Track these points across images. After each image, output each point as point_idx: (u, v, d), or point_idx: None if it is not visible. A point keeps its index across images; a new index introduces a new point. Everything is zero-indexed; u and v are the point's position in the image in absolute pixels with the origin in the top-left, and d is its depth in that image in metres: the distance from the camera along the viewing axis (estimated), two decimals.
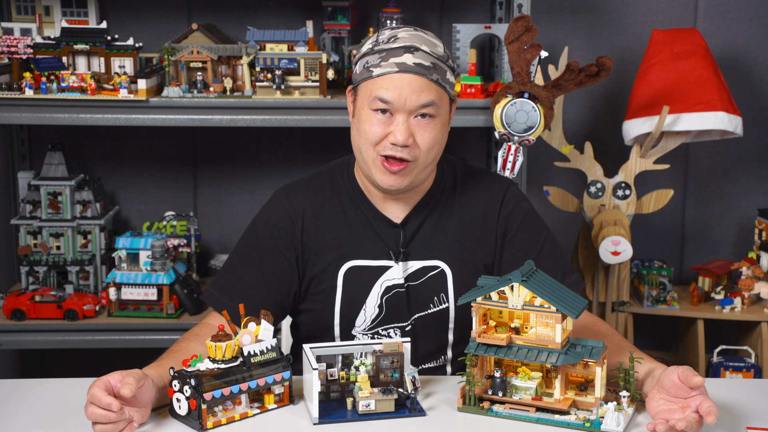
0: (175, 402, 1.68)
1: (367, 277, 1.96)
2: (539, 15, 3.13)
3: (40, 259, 3.03)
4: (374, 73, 1.86)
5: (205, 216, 3.34)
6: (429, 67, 1.85)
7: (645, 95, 2.99)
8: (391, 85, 1.84)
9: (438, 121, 1.88)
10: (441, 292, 1.97)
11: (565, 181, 3.29)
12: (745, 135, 3.13)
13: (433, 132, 1.87)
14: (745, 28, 3.27)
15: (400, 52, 1.85)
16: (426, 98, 1.85)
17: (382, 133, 1.86)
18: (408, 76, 1.84)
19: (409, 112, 1.85)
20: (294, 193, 2.01)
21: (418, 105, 1.85)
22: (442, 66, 1.88)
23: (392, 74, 1.84)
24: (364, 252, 1.96)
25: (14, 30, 2.91)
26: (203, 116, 2.77)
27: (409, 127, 1.86)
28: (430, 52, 1.86)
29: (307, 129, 3.22)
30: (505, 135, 2.68)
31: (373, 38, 1.92)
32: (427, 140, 1.87)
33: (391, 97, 1.84)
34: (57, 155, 3.07)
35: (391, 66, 1.84)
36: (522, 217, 2.00)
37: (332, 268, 1.96)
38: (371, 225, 1.97)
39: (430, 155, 1.90)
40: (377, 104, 1.85)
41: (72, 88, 2.75)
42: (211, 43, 2.88)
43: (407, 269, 1.96)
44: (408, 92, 1.84)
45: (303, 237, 1.97)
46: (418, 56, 1.85)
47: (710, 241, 3.41)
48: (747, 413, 1.76)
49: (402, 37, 1.87)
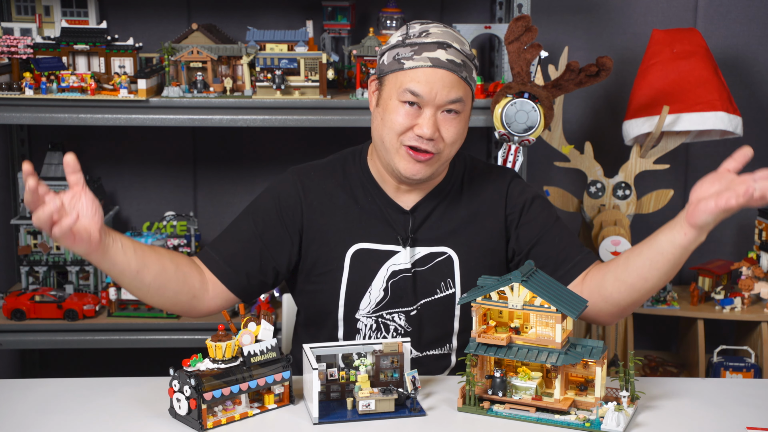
0: (175, 402, 1.68)
1: (373, 260, 1.98)
2: (539, 15, 3.13)
3: (40, 259, 3.03)
4: (406, 65, 1.89)
5: (205, 216, 3.34)
6: (460, 64, 1.89)
7: (645, 95, 2.99)
8: (423, 78, 1.87)
9: (463, 116, 1.93)
10: (448, 278, 1.99)
11: (565, 181, 3.29)
12: (745, 135, 3.13)
13: (458, 127, 1.92)
14: (745, 28, 3.27)
15: (433, 47, 1.88)
16: (455, 94, 1.89)
17: (409, 124, 1.90)
18: (440, 72, 1.88)
19: (438, 106, 1.89)
20: (306, 173, 2.05)
21: (447, 100, 1.88)
22: (470, 64, 1.93)
23: (425, 68, 1.88)
24: (372, 236, 1.99)
25: (14, 30, 2.91)
26: (203, 116, 2.77)
27: (436, 121, 1.89)
28: (460, 49, 1.91)
29: (307, 129, 3.22)
30: (505, 135, 2.68)
31: (402, 31, 1.95)
32: (452, 134, 1.91)
33: (423, 90, 1.87)
34: (57, 155, 3.07)
35: (425, 60, 1.88)
36: (532, 197, 2.04)
37: (339, 250, 1.98)
38: (381, 210, 2.00)
39: (453, 149, 1.94)
40: (407, 96, 1.88)
41: (72, 88, 2.75)
42: (211, 43, 2.88)
43: (414, 255, 1.99)
44: (439, 87, 1.87)
45: (308, 214, 2.00)
46: (451, 53, 1.89)
47: (710, 241, 3.37)
48: (747, 413, 1.76)
49: (434, 33, 1.91)
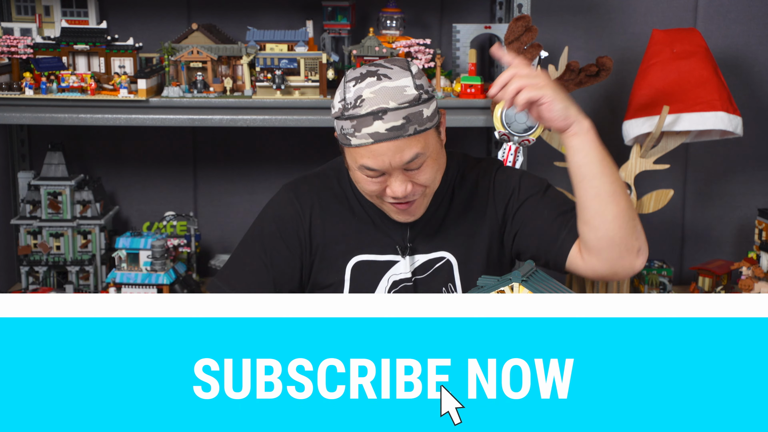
0: None
1: (374, 272, 1.97)
2: (539, 15, 3.13)
3: (40, 259, 3.03)
4: (352, 142, 1.82)
5: (205, 216, 3.34)
6: (401, 125, 1.79)
7: (645, 95, 2.99)
8: (371, 155, 1.81)
9: (431, 159, 1.86)
10: (449, 282, 1.98)
11: (565, 181, 3.27)
12: (745, 135, 3.12)
13: (429, 171, 1.86)
14: (745, 28, 3.27)
15: (369, 121, 1.79)
16: (409, 154, 1.81)
17: (380, 188, 1.86)
18: (385, 144, 1.80)
19: (399, 169, 1.83)
20: (301, 188, 2.02)
21: (403, 163, 1.82)
22: (415, 112, 1.80)
23: (369, 146, 1.81)
24: (371, 247, 1.97)
25: (14, 30, 2.91)
26: (203, 116, 2.77)
27: (405, 180, 1.85)
28: (398, 106, 1.78)
29: (307, 129, 3.22)
30: (505, 135, 2.68)
31: (341, 93, 1.84)
32: (427, 178, 1.87)
33: (376, 164, 1.82)
34: (57, 155, 3.07)
35: (365, 137, 1.80)
36: (518, 180, 2.01)
37: (340, 263, 1.97)
38: (377, 220, 1.98)
39: (436, 183, 1.91)
40: (366, 171, 1.84)
41: (72, 88, 2.75)
42: (211, 43, 2.88)
43: (414, 263, 1.98)
44: (390, 157, 1.80)
45: (310, 231, 1.98)
46: (388, 119, 1.79)
47: (710, 241, 3.41)
48: None
49: (367, 99, 1.79)
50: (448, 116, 2.77)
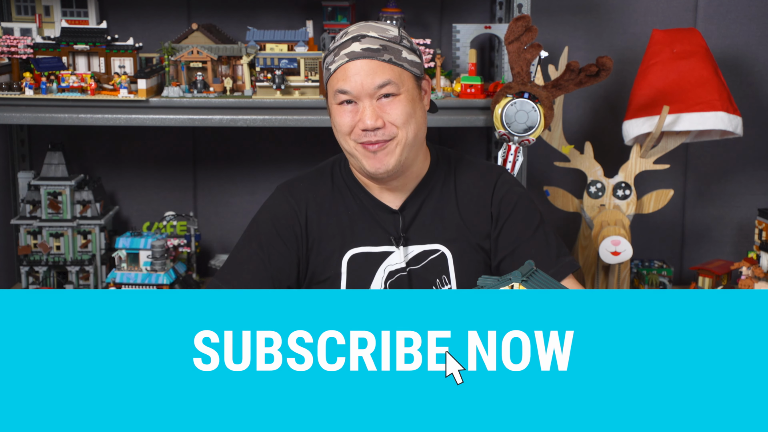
0: None
1: (370, 263, 1.99)
2: (539, 15, 3.13)
3: (40, 259, 3.03)
4: (332, 68, 1.93)
5: (205, 216, 3.34)
6: (378, 49, 1.91)
7: (645, 95, 2.99)
8: (345, 75, 1.90)
9: (403, 98, 1.92)
10: (443, 275, 2.01)
11: (565, 181, 3.29)
12: (745, 135, 3.13)
13: (399, 108, 1.91)
14: (745, 28, 3.27)
15: (348, 44, 1.91)
16: (381, 79, 1.89)
17: (352, 122, 1.92)
18: (359, 62, 1.90)
19: (370, 95, 1.90)
20: (296, 187, 2.07)
21: (374, 87, 1.89)
22: (394, 47, 1.93)
23: (345, 65, 1.90)
24: (365, 239, 2.00)
25: (14, 30, 2.91)
26: (203, 116, 2.77)
27: (375, 110, 1.90)
28: (378, 36, 1.93)
29: (307, 129, 3.22)
30: (505, 135, 2.68)
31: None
32: (397, 116, 1.91)
33: (349, 86, 1.90)
34: (57, 155, 3.07)
35: (342, 58, 1.91)
36: (516, 199, 2.04)
37: (336, 257, 2.00)
38: (371, 213, 2.02)
39: (409, 131, 1.93)
40: (340, 97, 1.92)
41: (72, 88, 2.75)
42: (211, 43, 2.88)
43: (408, 254, 2.00)
44: (362, 77, 1.89)
45: (306, 226, 2.01)
46: (366, 42, 1.91)
47: (710, 241, 3.41)
48: None
49: (351, 30, 1.95)
50: (447, 116, 2.78)
